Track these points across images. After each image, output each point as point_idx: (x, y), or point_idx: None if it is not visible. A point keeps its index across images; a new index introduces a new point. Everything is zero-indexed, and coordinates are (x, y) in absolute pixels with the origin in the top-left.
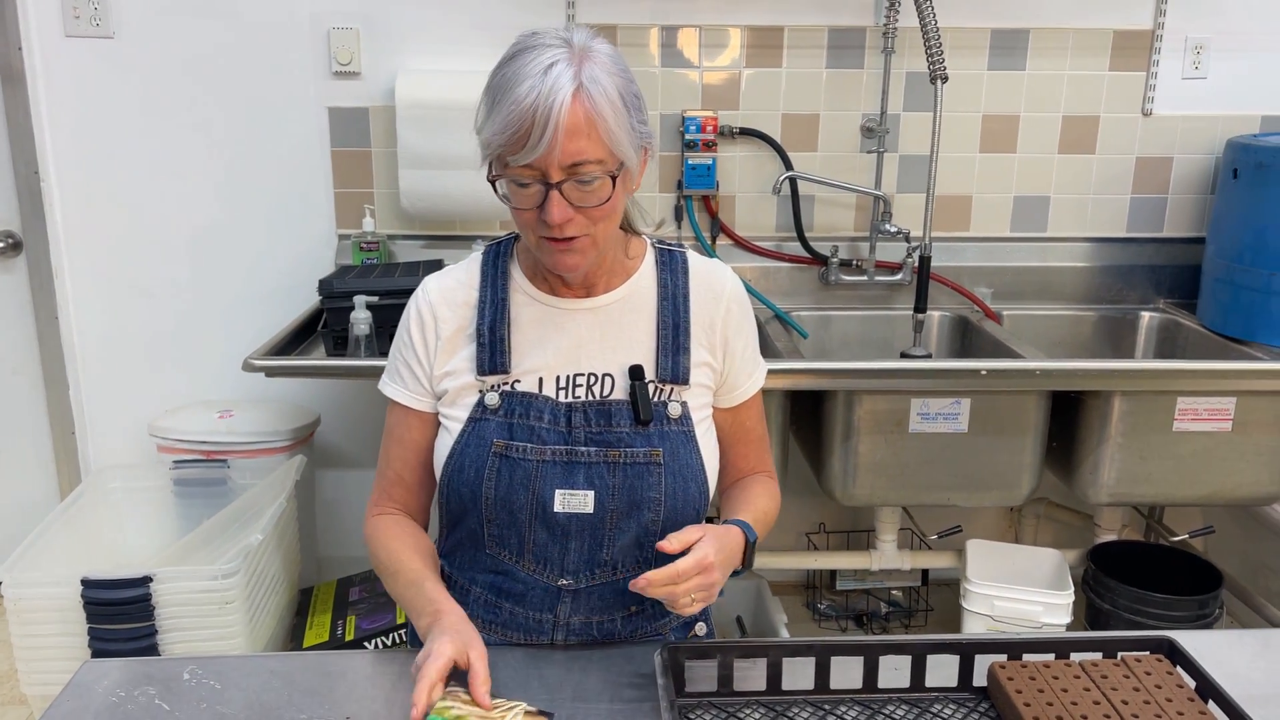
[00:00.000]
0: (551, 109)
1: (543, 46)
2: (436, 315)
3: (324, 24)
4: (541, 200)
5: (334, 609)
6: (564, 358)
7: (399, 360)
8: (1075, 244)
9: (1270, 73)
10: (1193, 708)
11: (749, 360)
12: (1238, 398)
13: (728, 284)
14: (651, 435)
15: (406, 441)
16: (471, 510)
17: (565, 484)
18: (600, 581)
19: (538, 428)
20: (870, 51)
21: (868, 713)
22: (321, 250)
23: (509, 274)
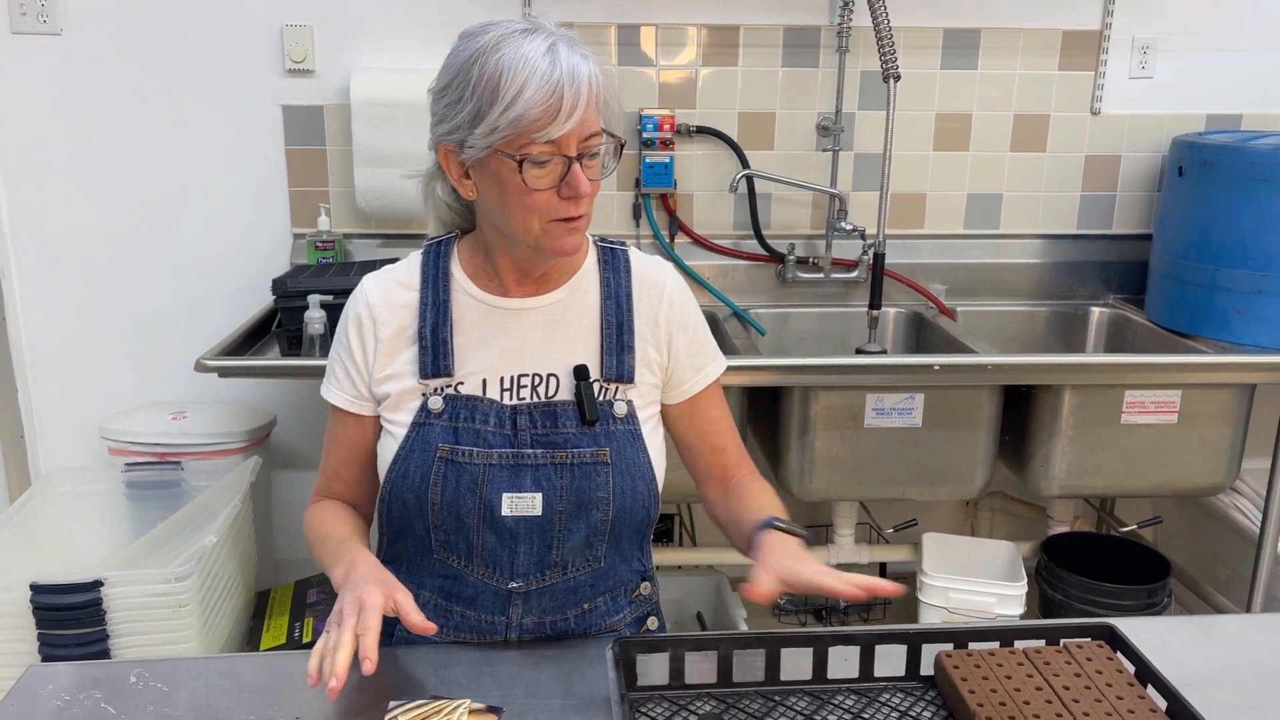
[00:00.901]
0: (579, 83)
1: (523, 32)
2: (375, 318)
3: (277, 21)
4: (562, 176)
5: (291, 611)
6: (508, 358)
7: (336, 363)
8: (1027, 241)
9: (1215, 72)
10: (1131, 692)
11: (696, 354)
12: (1183, 391)
13: (668, 281)
14: (598, 435)
15: (344, 442)
16: (417, 516)
17: (512, 488)
18: (551, 582)
19: (483, 431)
20: (825, 50)
21: (817, 703)
22: (276, 250)
23: (450, 274)
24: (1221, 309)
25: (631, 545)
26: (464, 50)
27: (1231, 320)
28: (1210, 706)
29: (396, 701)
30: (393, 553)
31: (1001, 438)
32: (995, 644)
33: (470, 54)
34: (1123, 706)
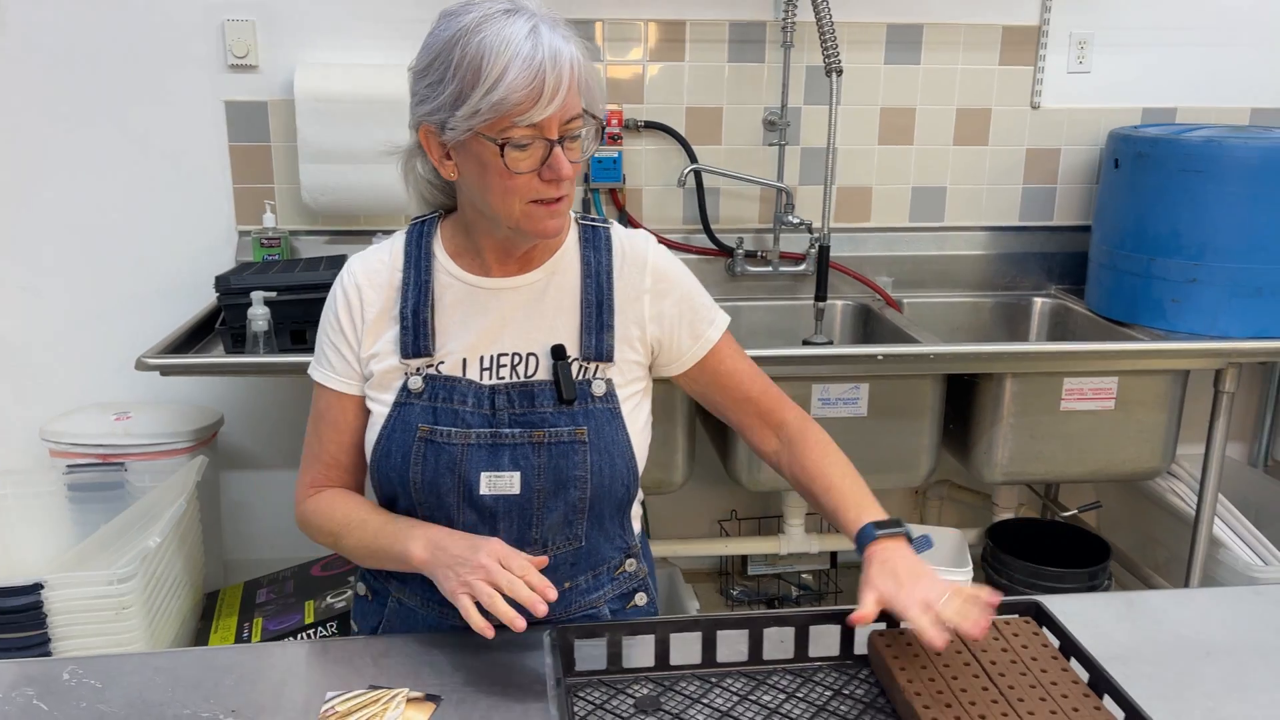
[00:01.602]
0: (561, 66)
1: (505, 13)
2: (362, 297)
3: (218, 16)
4: (543, 159)
5: (240, 612)
6: (487, 338)
7: (326, 344)
8: (971, 233)
9: (1150, 67)
10: (1055, 665)
11: (690, 323)
12: (1120, 378)
13: (650, 254)
14: (576, 414)
15: (341, 425)
16: (401, 494)
17: (490, 466)
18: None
19: (461, 411)
20: (770, 46)
21: (753, 683)
22: (222, 247)
23: (432, 254)
24: (1157, 298)
25: (613, 523)
26: (445, 30)
27: (1167, 309)
28: (1133, 678)
29: (334, 692)
30: None
31: (946, 426)
32: None
33: (451, 34)
34: (1047, 679)
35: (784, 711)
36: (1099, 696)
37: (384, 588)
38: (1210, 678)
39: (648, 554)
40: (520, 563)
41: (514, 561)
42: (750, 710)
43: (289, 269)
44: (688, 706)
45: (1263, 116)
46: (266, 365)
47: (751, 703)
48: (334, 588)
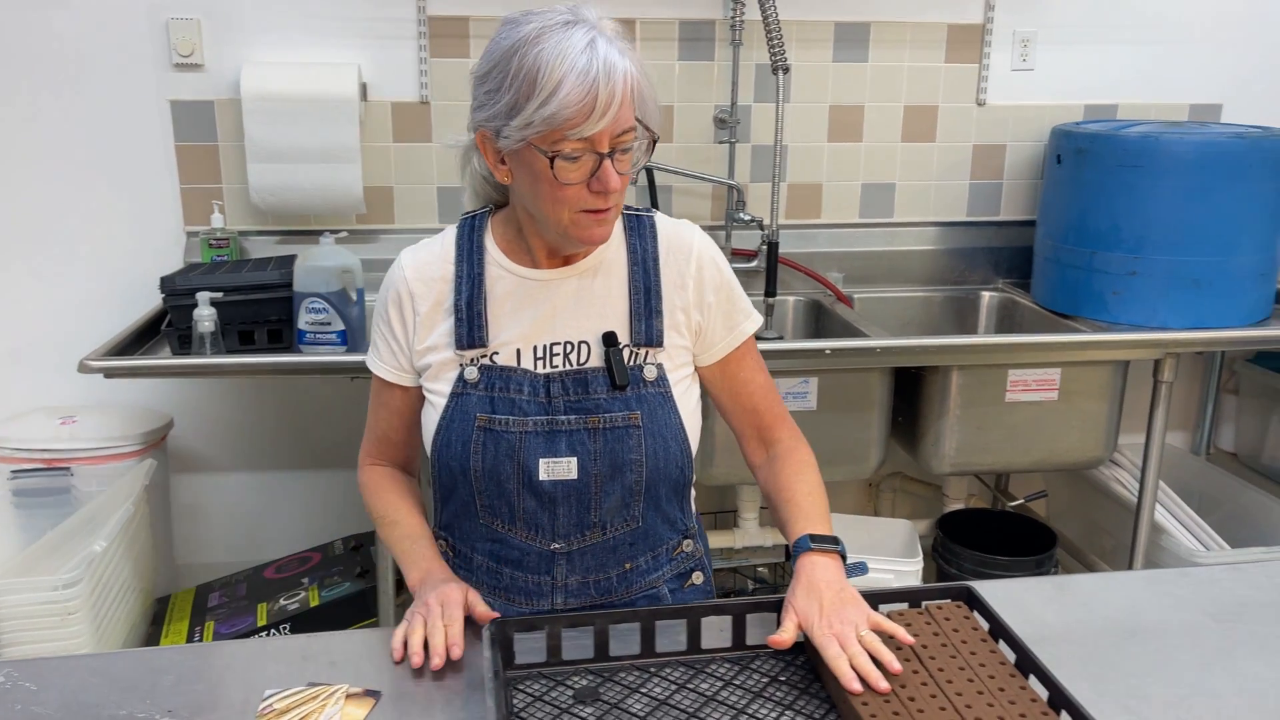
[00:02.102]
0: (615, 81)
1: (565, 25)
2: (413, 292)
3: (162, 15)
4: (592, 171)
5: (191, 616)
6: (540, 328)
7: (379, 336)
8: (920, 228)
9: (1092, 64)
10: (984, 647)
11: (728, 313)
12: (1062, 369)
13: (695, 242)
14: (629, 399)
15: (391, 408)
16: (462, 483)
17: (548, 453)
18: (592, 543)
19: (518, 400)
20: (720, 44)
21: (691, 672)
22: (170, 248)
23: (484, 248)
24: (1099, 290)
25: (671, 505)
26: (505, 39)
27: (1108, 301)
28: (1061, 658)
29: (272, 690)
30: (446, 517)
31: (895, 419)
32: None
33: (511, 44)
34: (975, 661)
35: (721, 698)
36: (1025, 677)
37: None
38: (1134, 657)
39: (703, 534)
40: (451, 614)
41: (447, 611)
42: (688, 698)
43: (237, 269)
44: (626, 696)
45: (1201, 112)
46: (213, 366)
47: (689, 691)
48: (287, 590)
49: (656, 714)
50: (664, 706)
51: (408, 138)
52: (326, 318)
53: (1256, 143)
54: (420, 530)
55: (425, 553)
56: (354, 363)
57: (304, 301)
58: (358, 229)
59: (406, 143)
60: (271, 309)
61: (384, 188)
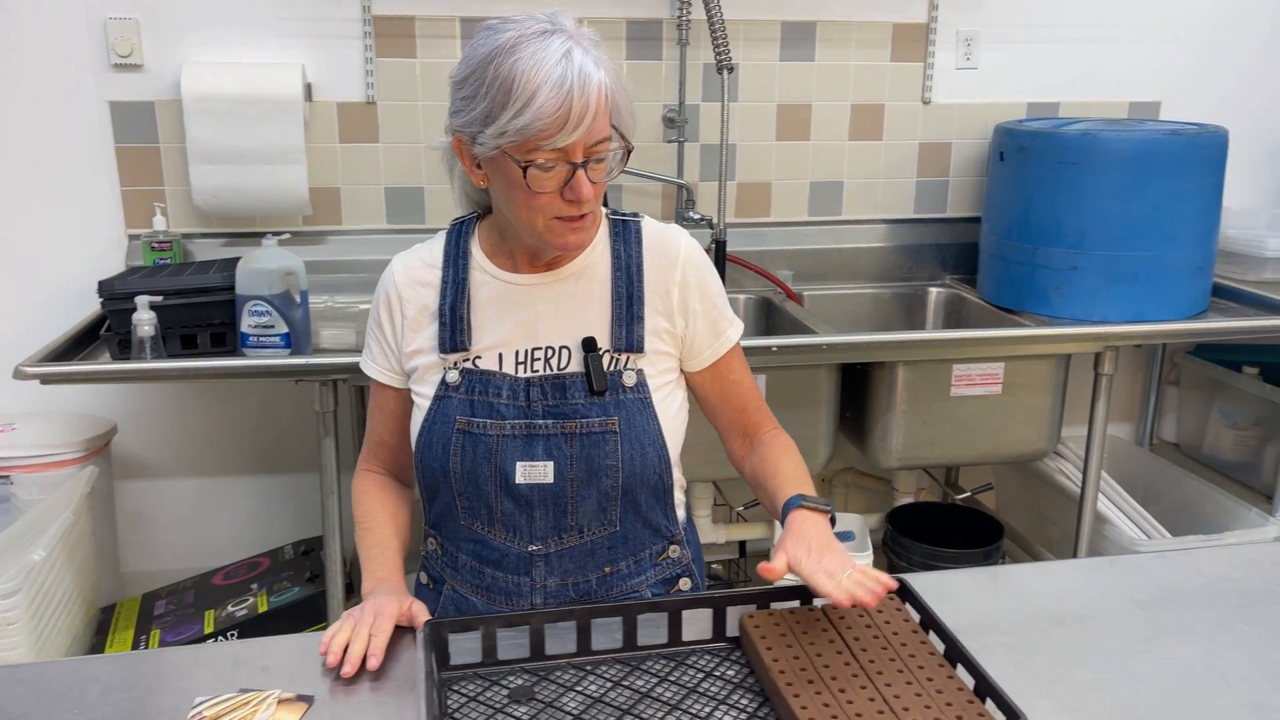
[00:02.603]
0: (589, 93)
1: (538, 34)
2: (401, 295)
3: (100, 14)
4: (565, 181)
5: (137, 624)
6: (522, 333)
7: (371, 338)
8: (868, 226)
9: (1034, 63)
10: (915, 638)
11: (714, 321)
12: (1006, 363)
13: (682, 248)
14: (607, 404)
15: (386, 411)
16: (443, 484)
17: (525, 456)
18: (569, 545)
19: (497, 404)
20: (667, 43)
21: (627, 669)
22: (111, 252)
23: (469, 253)
24: (1042, 285)
25: (653, 510)
26: (483, 45)
27: (1051, 296)
28: (990, 647)
29: (202, 697)
30: (434, 516)
31: (843, 415)
32: (796, 603)
33: (488, 51)
34: (906, 652)
35: (655, 695)
36: (953, 666)
37: (441, 576)
38: (1061, 644)
39: (694, 540)
40: (379, 625)
41: (377, 622)
42: (622, 695)
43: (178, 272)
44: (561, 694)
45: (1140, 110)
46: (154, 371)
47: (625, 688)
48: (236, 596)
49: (591, 711)
50: (598, 704)
51: (354, 138)
52: (270, 320)
53: (1192, 139)
54: (388, 539)
55: (386, 562)
56: (298, 365)
57: (246, 304)
58: (304, 230)
59: (353, 143)
60: (214, 312)
61: (330, 189)
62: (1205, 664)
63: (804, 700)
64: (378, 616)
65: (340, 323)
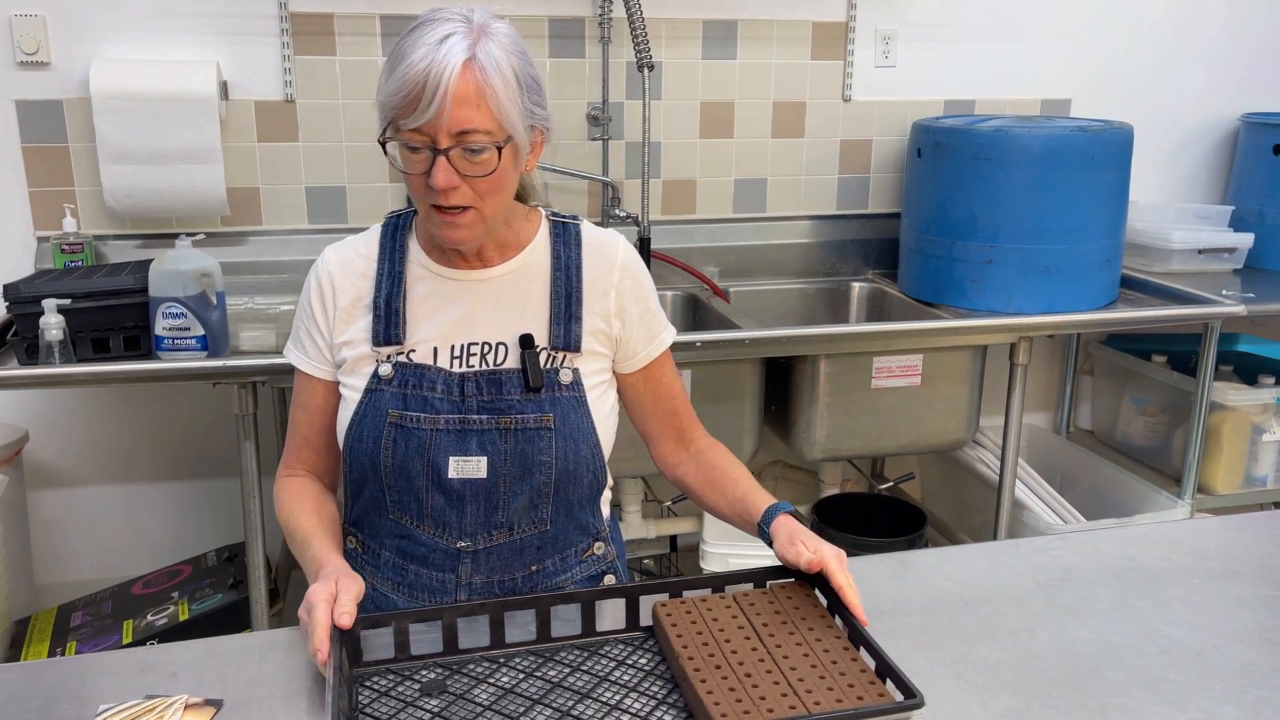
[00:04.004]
0: (442, 75)
1: (443, 20)
2: (335, 285)
3: (5, 11)
4: (429, 166)
5: (53, 637)
6: (458, 328)
7: (300, 329)
8: (792, 222)
9: (950, 61)
10: (822, 623)
11: (649, 325)
12: (924, 355)
13: (620, 252)
14: (542, 401)
15: (311, 407)
16: (372, 478)
17: (458, 451)
18: (497, 542)
19: (431, 398)
20: (590, 41)
21: (540, 660)
22: (19, 255)
23: (406, 247)
24: (959, 279)
25: (583, 510)
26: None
27: (968, 289)
28: (896, 629)
29: (106, 705)
30: (356, 513)
31: (768, 408)
32: (709, 591)
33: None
34: (812, 636)
35: (568, 684)
36: (856, 649)
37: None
38: (966, 624)
39: (617, 537)
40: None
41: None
42: (535, 685)
43: (89, 275)
44: (473, 686)
45: (1051, 107)
46: (64, 377)
47: (537, 679)
48: (156, 605)
49: (501, 702)
50: (510, 695)
51: (273, 137)
52: (185, 323)
53: (1099, 136)
54: (310, 532)
55: (316, 549)
56: (215, 368)
57: (160, 306)
58: (223, 231)
59: (272, 142)
60: (127, 315)
61: (249, 189)
62: (1101, 639)
63: (710, 686)
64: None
65: (260, 324)
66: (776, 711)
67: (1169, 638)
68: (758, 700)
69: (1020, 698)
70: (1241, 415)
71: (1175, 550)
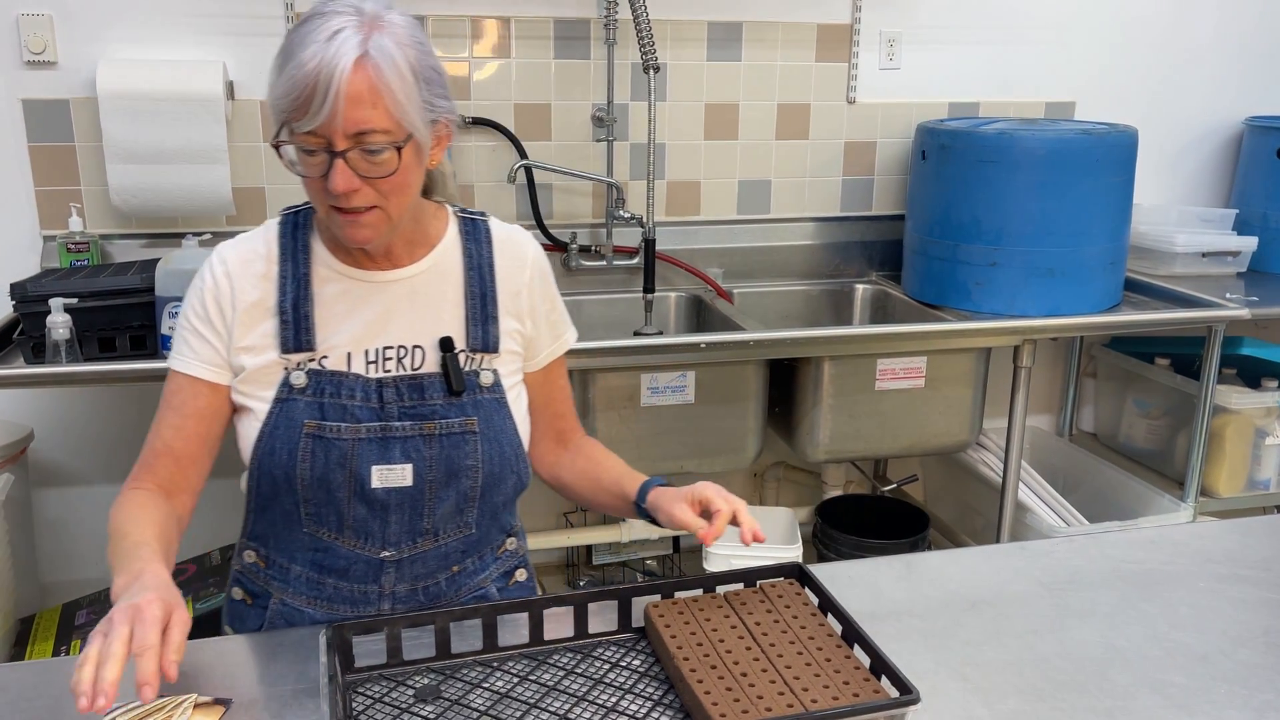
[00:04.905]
0: (333, 76)
1: (333, 14)
2: (234, 285)
3: (12, 10)
4: (327, 169)
5: (58, 635)
6: (372, 331)
7: (189, 331)
8: (796, 224)
9: (955, 63)
10: (814, 621)
11: (554, 324)
12: (928, 357)
13: (530, 251)
14: (465, 405)
15: (188, 410)
16: (286, 491)
17: (381, 460)
18: (423, 549)
19: (350, 406)
20: (595, 43)
21: (534, 664)
22: (25, 255)
23: (310, 247)
24: (963, 281)
25: (505, 511)
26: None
27: (972, 291)
28: (901, 630)
29: (117, 703)
30: (259, 528)
31: (772, 410)
32: (700, 592)
33: (290, 29)
34: (805, 635)
35: (563, 688)
36: (850, 646)
37: (264, 590)
38: (972, 626)
39: (522, 532)
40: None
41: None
42: (530, 690)
43: (95, 274)
44: (468, 691)
45: (1055, 109)
46: (70, 375)
47: (531, 682)
48: None
49: (498, 708)
50: (505, 700)
51: None
52: None
53: (1103, 139)
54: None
55: (144, 555)
56: None
57: (166, 306)
58: (229, 231)
59: None
60: (133, 315)
61: (255, 188)
62: (1106, 642)
63: (707, 685)
64: (139, 624)
65: None
66: (774, 710)
67: (1175, 641)
68: (755, 699)
69: (1026, 700)
70: (1245, 419)
71: (1180, 553)
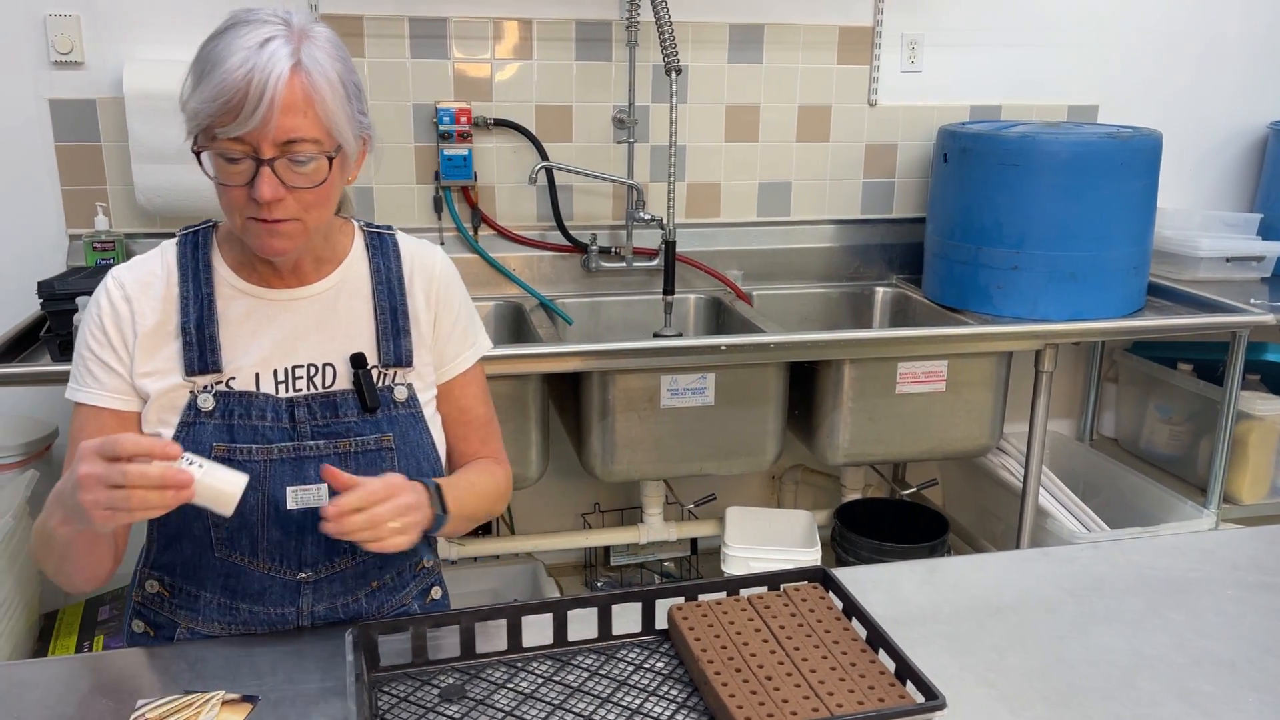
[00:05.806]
0: (267, 82)
1: (260, 22)
2: (134, 309)
3: (40, 11)
4: (251, 177)
5: (80, 630)
6: (280, 351)
7: (89, 359)
8: (816, 226)
9: (977, 66)
10: (838, 625)
11: (461, 335)
12: (949, 360)
13: (438, 263)
14: (380, 421)
15: None
16: (195, 518)
17: (296, 480)
18: (340, 569)
19: (260, 427)
20: (616, 45)
21: (558, 664)
22: (51, 253)
23: (211, 266)
24: (984, 284)
25: None
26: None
27: (993, 294)
28: (926, 635)
29: (145, 700)
30: (165, 559)
31: (791, 412)
32: (723, 594)
33: (208, 36)
34: (829, 639)
35: (587, 689)
36: (875, 651)
37: (169, 620)
38: (997, 632)
39: (435, 549)
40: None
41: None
42: (554, 691)
43: None
44: (493, 692)
45: (1078, 113)
46: None
47: (556, 683)
48: None
49: (523, 708)
50: (530, 700)
51: None
52: None
53: (1126, 143)
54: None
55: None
56: None
57: None
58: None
59: None
60: None
61: None
62: (1132, 649)
63: (732, 689)
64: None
65: None
66: (800, 714)
67: (1201, 649)
68: (780, 703)
69: (1051, 707)
70: (1268, 425)
71: (1206, 560)
